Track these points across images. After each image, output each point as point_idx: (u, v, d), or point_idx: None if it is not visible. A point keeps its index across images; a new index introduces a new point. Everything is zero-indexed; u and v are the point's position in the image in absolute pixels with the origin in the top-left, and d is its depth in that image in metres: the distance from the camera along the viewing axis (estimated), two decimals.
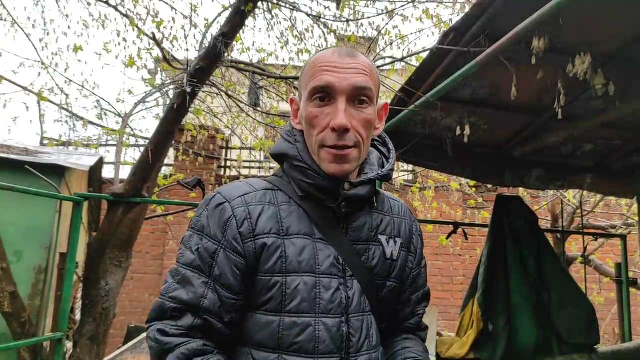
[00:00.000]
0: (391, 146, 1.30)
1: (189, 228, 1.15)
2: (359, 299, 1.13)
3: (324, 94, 1.11)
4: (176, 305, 1.07)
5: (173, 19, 5.04)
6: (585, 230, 5.36)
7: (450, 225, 4.05)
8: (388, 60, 3.88)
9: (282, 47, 5.28)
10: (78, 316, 4.23)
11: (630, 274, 4.87)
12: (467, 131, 2.80)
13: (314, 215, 1.15)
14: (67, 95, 5.26)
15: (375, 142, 1.30)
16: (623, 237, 4.60)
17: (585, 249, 4.99)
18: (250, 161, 9.11)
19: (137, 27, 4.63)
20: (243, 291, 1.09)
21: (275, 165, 6.88)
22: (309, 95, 1.14)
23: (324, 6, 6.21)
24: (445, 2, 4.86)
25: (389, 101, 3.59)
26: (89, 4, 5.02)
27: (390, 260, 1.21)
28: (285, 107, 6.45)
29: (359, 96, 1.12)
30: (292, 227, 1.12)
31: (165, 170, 8.10)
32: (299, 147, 1.18)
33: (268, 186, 1.19)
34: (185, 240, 1.14)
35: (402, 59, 4.05)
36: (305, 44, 5.22)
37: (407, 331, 1.31)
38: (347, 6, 4.79)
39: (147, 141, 3.71)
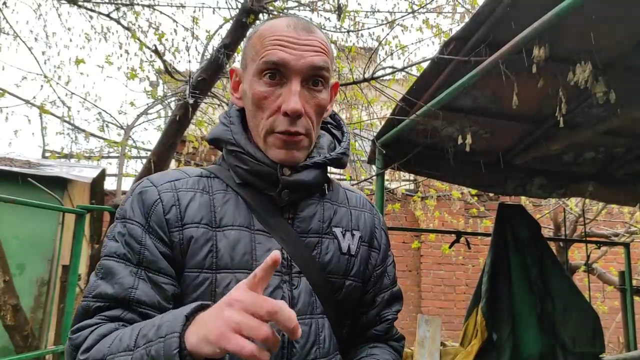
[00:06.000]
0: (345, 129, 1.16)
1: (114, 220, 1.01)
2: (307, 299, 0.99)
3: (276, 72, 0.98)
4: (101, 304, 0.90)
5: (175, 31, 5.07)
6: (587, 239, 5.34)
7: (453, 234, 4.04)
8: (388, 70, 3.89)
9: None
10: None
11: (634, 282, 4.85)
12: (469, 140, 2.81)
13: (253, 203, 1.02)
14: (69, 107, 5.30)
15: (329, 125, 1.16)
16: (626, 245, 4.59)
17: (588, 257, 4.97)
18: None
19: (138, 39, 4.66)
20: (177, 278, 0.95)
21: None
22: (257, 70, 0.99)
23: (325, 17, 6.25)
24: (445, 12, 4.89)
25: (389, 111, 3.60)
26: (90, 17, 5.05)
27: (348, 256, 1.06)
28: None
29: (315, 77, 1.00)
30: (225, 218, 0.99)
31: None
32: (234, 129, 1.05)
33: (203, 173, 1.06)
34: (109, 231, 0.99)
35: (402, 69, 4.07)
36: None
37: (375, 339, 1.16)
38: (347, 17, 4.82)
39: (149, 153, 3.72)
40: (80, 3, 4.66)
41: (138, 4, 4.80)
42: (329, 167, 1.11)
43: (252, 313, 0.71)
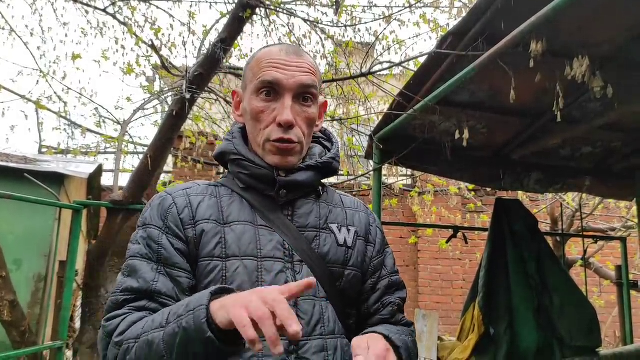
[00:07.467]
0: (335, 140, 1.32)
1: (136, 228, 1.17)
2: None
3: (271, 90, 1.15)
4: (128, 296, 1.05)
5: (171, 26, 5.05)
6: (584, 233, 5.35)
7: (450, 229, 4.04)
8: (386, 65, 3.88)
9: None
10: (78, 324, 4.22)
11: (631, 277, 4.87)
12: (466, 135, 2.81)
13: (255, 203, 1.17)
14: (65, 103, 5.26)
15: (320, 138, 1.33)
16: (623, 240, 4.60)
17: (585, 251, 4.99)
18: None
19: (135, 34, 4.64)
20: (192, 271, 1.10)
21: None
22: (255, 89, 1.17)
23: (322, 12, 6.24)
24: (442, 7, 4.88)
25: (386, 106, 3.59)
26: (86, 12, 5.03)
27: (345, 247, 1.19)
28: None
29: (304, 94, 1.17)
30: (232, 216, 1.14)
31: (164, 177, 8.09)
32: (235, 142, 1.22)
33: (211, 183, 1.23)
34: (132, 237, 1.14)
35: (400, 64, 4.06)
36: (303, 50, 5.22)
37: (383, 323, 1.23)
38: (344, 12, 4.81)
39: (146, 148, 3.71)
40: None
41: None
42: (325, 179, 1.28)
43: (263, 300, 0.83)
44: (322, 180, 1.28)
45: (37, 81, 5.21)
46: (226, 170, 1.29)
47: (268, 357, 1.03)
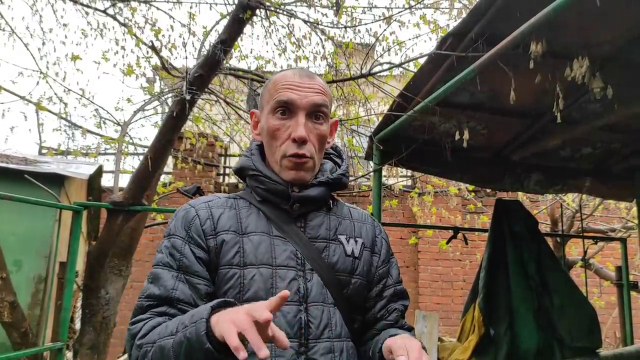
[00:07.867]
0: (344, 156, 1.46)
1: (163, 238, 1.27)
2: (319, 290, 1.21)
3: (286, 109, 1.25)
4: (151, 302, 1.15)
5: (171, 27, 5.05)
6: (584, 234, 5.35)
7: (450, 230, 4.04)
8: (386, 66, 3.88)
9: (280, 54, 5.30)
10: (78, 325, 4.22)
11: (631, 277, 4.86)
12: (466, 136, 2.81)
13: (271, 215, 1.27)
14: (65, 104, 5.25)
15: (331, 155, 1.45)
16: (623, 240, 4.60)
17: (585, 252, 4.99)
18: None
19: (135, 35, 4.64)
20: (211, 279, 1.20)
21: None
22: (271, 108, 1.27)
23: (322, 13, 6.24)
24: (442, 8, 4.88)
25: (386, 107, 3.59)
26: (87, 13, 5.03)
27: (352, 257, 1.29)
28: None
29: (316, 112, 1.27)
30: (249, 226, 1.24)
31: (164, 178, 8.10)
32: (254, 158, 1.33)
33: (231, 196, 1.34)
34: (158, 246, 1.26)
35: (399, 65, 4.06)
36: (303, 51, 5.23)
37: (388, 327, 1.34)
38: (344, 13, 4.81)
39: (146, 149, 3.71)
40: None
41: (134, 0, 4.79)
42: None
43: (247, 313, 0.90)
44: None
45: (37, 82, 5.21)
46: (244, 184, 1.38)
47: (281, 357, 1.13)
